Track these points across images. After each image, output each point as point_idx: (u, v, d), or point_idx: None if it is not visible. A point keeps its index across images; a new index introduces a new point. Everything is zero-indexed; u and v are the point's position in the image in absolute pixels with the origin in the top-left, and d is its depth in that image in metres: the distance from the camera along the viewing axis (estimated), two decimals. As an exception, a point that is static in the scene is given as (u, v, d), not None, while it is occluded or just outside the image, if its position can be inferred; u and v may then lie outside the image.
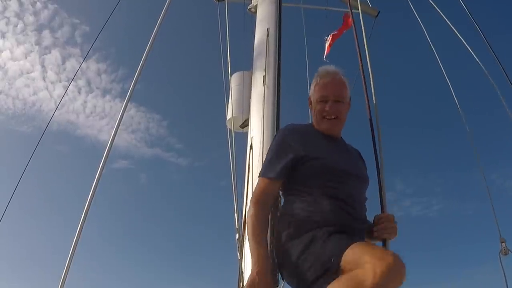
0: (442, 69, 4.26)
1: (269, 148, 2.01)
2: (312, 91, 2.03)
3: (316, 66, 1.95)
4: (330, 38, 5.73)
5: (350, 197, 1.84)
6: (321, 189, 1.83)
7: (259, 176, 1.96)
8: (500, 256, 3.34)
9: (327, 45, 5.80)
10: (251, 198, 1.91)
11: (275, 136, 2.05)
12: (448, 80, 4.21)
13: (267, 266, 1.69)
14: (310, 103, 2.05)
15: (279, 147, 1.95)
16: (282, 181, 1.92)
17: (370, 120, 2.14)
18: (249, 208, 1.85)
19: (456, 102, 4.05)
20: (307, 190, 1.86)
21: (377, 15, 5.20)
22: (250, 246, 1.76)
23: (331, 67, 2.04)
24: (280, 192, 2.04)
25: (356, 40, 2.40)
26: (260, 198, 1.87)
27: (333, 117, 1.94)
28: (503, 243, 3.41)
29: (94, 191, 2.51)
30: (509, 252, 3.35)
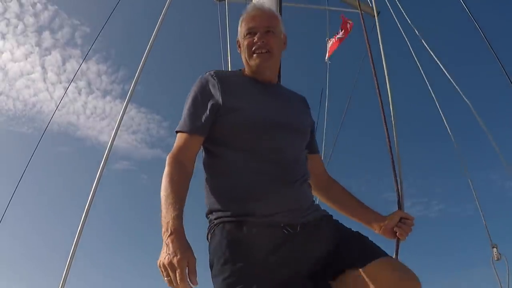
0: (443, 69, 4.25)
1: (187, 97, 1.65)
2: (239, 30, 1.72)
3: (316, 65, 1.89)
4: (334, 40, 5.73)
5: (277, 153, 1.51)
6: (237, 150, 1.52)
7: (175, 132, 1.59)
8: (493, 262, 3.33)
9: (329, 46, 5.80)
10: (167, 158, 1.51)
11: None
12: (450, 79, 4.20)
13: (183, 236, 1.33)
14: (239, 46, 1.73)
15: (196, 94, 1.61)
16: (202, 138, 1.56)
17: (385, 122, 2.02)
18: (169, 167, 1.48)
19: (467, 102, 4.03)
20: (222, 153, 1.55)
21: (377, 14, 5.19)
22: (161, 213, 1.41)
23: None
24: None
25: (367, 41, 2.33)
26: (176, 156, 1.49)
27: (263, 50, 1.62)
28: (495, 249, 3.40)
29: (95, 192, 2.50)
30: (502, 257, 3.34)
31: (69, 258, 2.33)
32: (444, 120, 3.98)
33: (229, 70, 1.82)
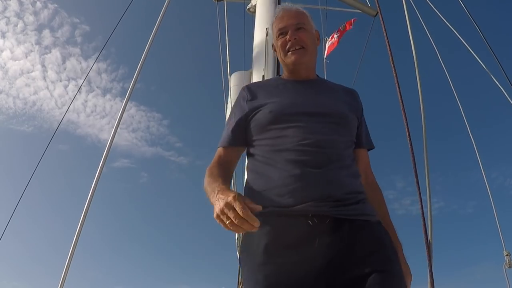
0: (444, 68, 4.26)
1: None
2: (272, 33, 1.74)
3: (316, 65, 1.84)
4: (333, 40, 5.75)
5: (304, 141, 1.45)
6: (263, 146, 1.51)
7: None
8: (505, 269, 3.36)
9: (327, 45, 5.81)
10: None
11: None
12: (449, 79, 4.21)
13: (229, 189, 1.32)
14: (275, 49, 1.74)
15: (231, 110, 1.68)
16: (236, 148, 1.61)
17: (407, 124, 1.99)
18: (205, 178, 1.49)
19: (457, 101, 4.05)
20: (253, 152, 1.56)
21: (376, 14, 5.20)
22: (208, 191, 1.38)
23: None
24: None
25: (386, 40, 2.31)
26: (211, 166, 1.55)
27: (297, 47, 1.62)
28: (508, 256, 3.42)
29: (94, 190, 2.51)
30: None
31: (68, 256, 2.34)
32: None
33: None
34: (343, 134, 1.54)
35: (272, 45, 1.77)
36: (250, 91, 1.65)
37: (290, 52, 1.63)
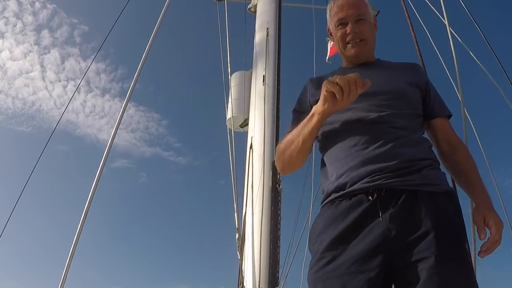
0: (445, 68, 4.25)
1: None
2: (329, 19, 1.72)
3: (316, 65, 1.84)
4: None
5: (358, 122, 1.45)
6: (326, 134, 1.53)
7: None
8: None
9: (330, 46, 5.79)
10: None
11: None
12: (450, 79, 4.20)
13: None
14: (330, 34, 1.73)
15: (298, 98, 1.72)
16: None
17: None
18: (277, 149, 1.58)
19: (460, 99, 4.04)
20: (319, 143, 1.58)
21: (377, 14, 5.20)
22: (302, 132, 1.43)
23: None
24: None
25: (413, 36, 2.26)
26: (283, 140, 1.60)
27: (357, 40, 1.62)
28: None
29: (94, 191, 2.51)
30: None
31: (68, 257, 2.33)
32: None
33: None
34: (402, 108, 1.51)
35: (328, 29, 1.75)
36: (311, 83, 1.67)
37: (350, 45, 1.63)
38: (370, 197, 1.32)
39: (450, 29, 2.45)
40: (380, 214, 1.28)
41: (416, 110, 1.56)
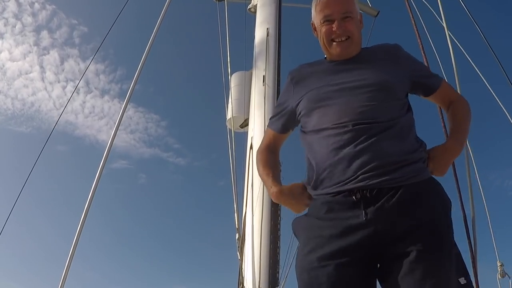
0: (442, 70, 4.25)
1: None
2: (314, 14, 1.69)
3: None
4: None
5: (339, 120, 1.45)
6: (310, 133, 1.56)
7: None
8: (498, 279, 3.37)
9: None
10: (257, 149, 1.79)
11: None
12: (444, 76, 4.20)
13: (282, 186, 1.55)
14: (314, 29, 1.72)
15: (282, 92, 1.79)
16: (275, 133, 1.76)
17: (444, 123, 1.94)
18: (256, 157, 1.75)
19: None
20: (304, 138, 1.60)
21: (377, 14, 5.20)
22: (263, 181, 1.65)
23: None
24: None
25: (418, 38, 2.26)
26: (265, 147, 1.75)
27: (343, 38, 1.60)
28: (501, 267, 3.42)
29: (94, 192, 2.50)
30: (506, 275, 3.38)
31: (68, 257, 2.33)
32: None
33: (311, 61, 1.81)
34: (386, 99, 1.50)
35: (312, 24, 1.73)
36: (293, 81, 1.70)
37: (335, 43, 1.61)
38: (354, 197, 1.34)
39: (449, 32, 2.45)
40: (364, 214, 1.31)
41: (400, 99, 1.55)
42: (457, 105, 1.65)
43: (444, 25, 2.49)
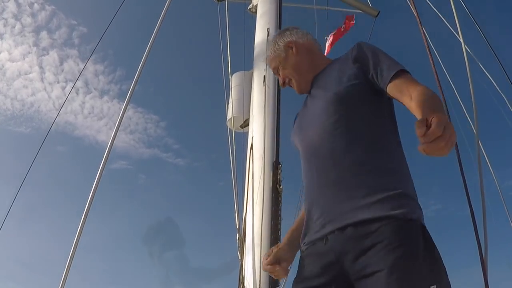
0: (444, 69, 4.25)
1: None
2: None
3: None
4: (331, 38, 5.74)
5: (312, 161, 1.56)
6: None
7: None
8: None
9: (327, 44, 5.80)
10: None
11: None
12: (450, 80, 4.20)
13: None
14: None
15: None
16: None
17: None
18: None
19: (460, 101, 4.03)
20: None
21: (377, 15, 5.20)
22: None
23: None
24: None
25: (425, 41, 2.27)
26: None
27: (287, 81, 1.81)
28: None
29: (94, 192, 2.50)
30: None
31: (69, 258, 2.33)
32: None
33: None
34: (341, 121, 1.48)
35: None
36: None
37: (288, 86, 1.83)
38: (324, 243, 1.42)
39: (465, 47, 2.44)
40: (333, 253, 1.38)
41: (363, 106, 1.50)
42: (416, 93, 1.35)
43: (461, 39, 2.48)
